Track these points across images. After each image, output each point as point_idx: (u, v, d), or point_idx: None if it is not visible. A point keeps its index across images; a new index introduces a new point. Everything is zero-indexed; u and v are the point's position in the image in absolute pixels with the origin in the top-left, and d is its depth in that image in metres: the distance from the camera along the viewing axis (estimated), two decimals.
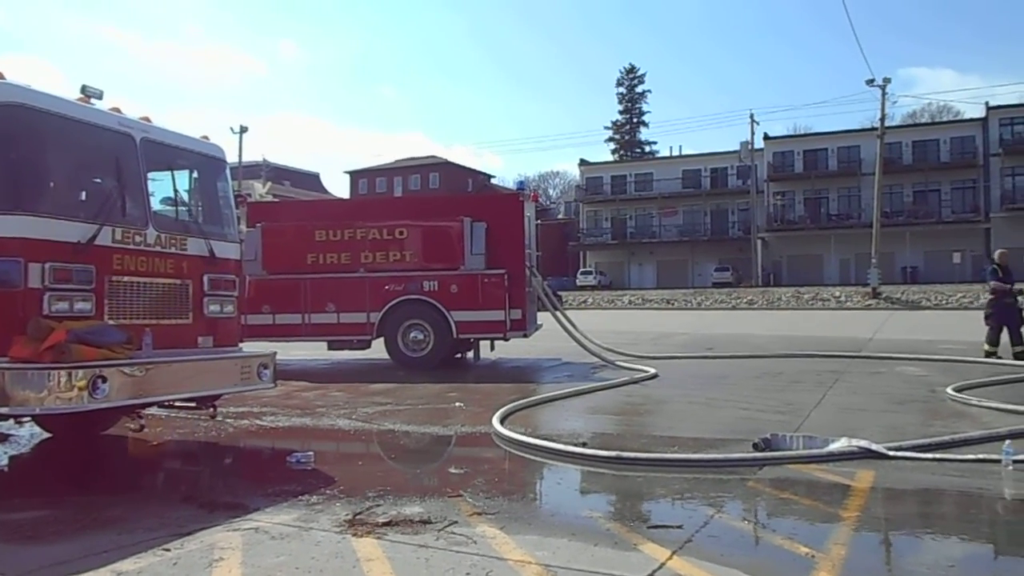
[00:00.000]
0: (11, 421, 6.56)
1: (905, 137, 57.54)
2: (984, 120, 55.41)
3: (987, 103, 55.32)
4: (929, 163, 56.43)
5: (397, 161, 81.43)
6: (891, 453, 6.03)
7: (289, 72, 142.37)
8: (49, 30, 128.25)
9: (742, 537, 4.47)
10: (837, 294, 40.33)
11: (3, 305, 5.38)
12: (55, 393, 5.08)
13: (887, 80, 43.83)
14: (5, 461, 6.96)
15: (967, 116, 60.32)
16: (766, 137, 61.18)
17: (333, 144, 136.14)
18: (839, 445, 6.20)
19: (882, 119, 45.36)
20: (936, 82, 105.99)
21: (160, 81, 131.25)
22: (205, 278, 6.79)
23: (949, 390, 9.36)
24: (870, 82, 44.01)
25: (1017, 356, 12.82)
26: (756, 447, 6.38)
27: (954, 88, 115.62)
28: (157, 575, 3.72)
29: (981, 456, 5.95)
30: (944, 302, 35.41)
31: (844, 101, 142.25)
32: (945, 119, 65.66)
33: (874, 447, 6.07)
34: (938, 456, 6.06)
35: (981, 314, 14.01)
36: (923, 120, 68.14)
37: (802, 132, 68.19)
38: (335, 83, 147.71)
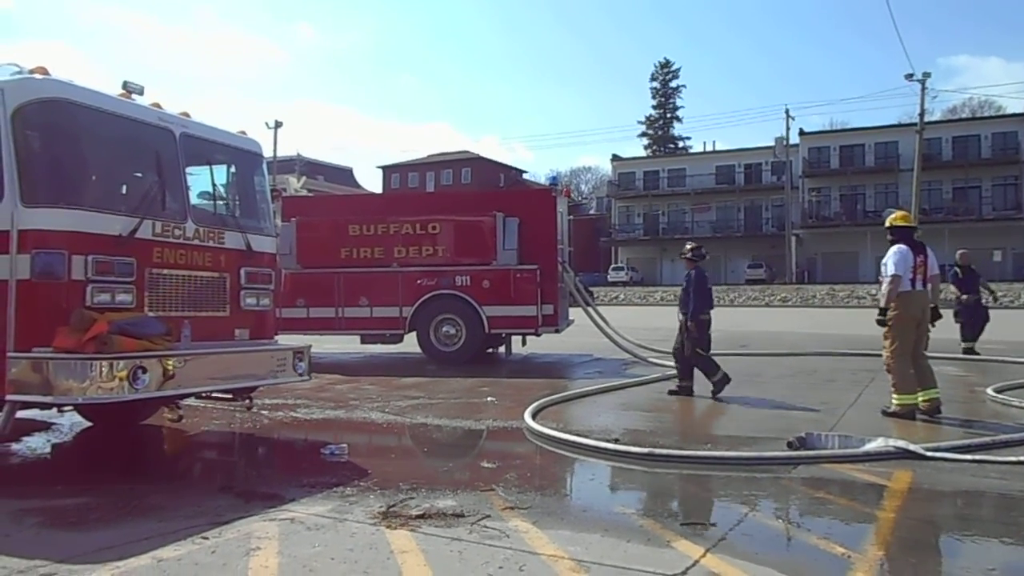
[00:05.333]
0: (54, 409, 6.72)
1: (945, 133, 56.41)
2: None
3: None
4: (970, 159, 55.25)
5: (429, 156, 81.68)
6: (929, 454, 5.93)
7: (308, 57, 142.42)
8: (61, 14, 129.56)
9: (776, 536, 4.44)
10: (873, 292, 39.56)
11: (47, 297, 5.49)
12: (97, 383, 5.18)
13: (926, 74, 43.13)
14: (48, 449, 7.12)
15: (1009, 111, 58.95)
16: (802, 133, 60.26)
17: (358, 134, 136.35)
18: (876, 445, 6.11)
19: (921, 114, 44.59)
20: (981, 70, 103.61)
21: (176, 66, 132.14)
22: (242, 271, 6.87)
23: (989, 391, 9.20)
24: (909, 77, 43.34)
25: (966, 351, 13.73)
26: (791, 445, 6.31)
27: (1000, 78, 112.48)
28: (196, 563, 3.79)
29: (1022, 458, 5.84)
30: (984, 301, 34.66)
31: (881, 96, 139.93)
32: (987, 114, 64.23)
33: (912, 447, 5.98)
34: (978, 457, 5.95)
35: (1022, 313, 13.93)
36: (964, 115, 66.76)
37: (838, 128, 67.14)
38: (356, 69, 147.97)
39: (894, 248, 7.99)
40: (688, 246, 10.14)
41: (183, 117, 6.66)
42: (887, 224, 8.35)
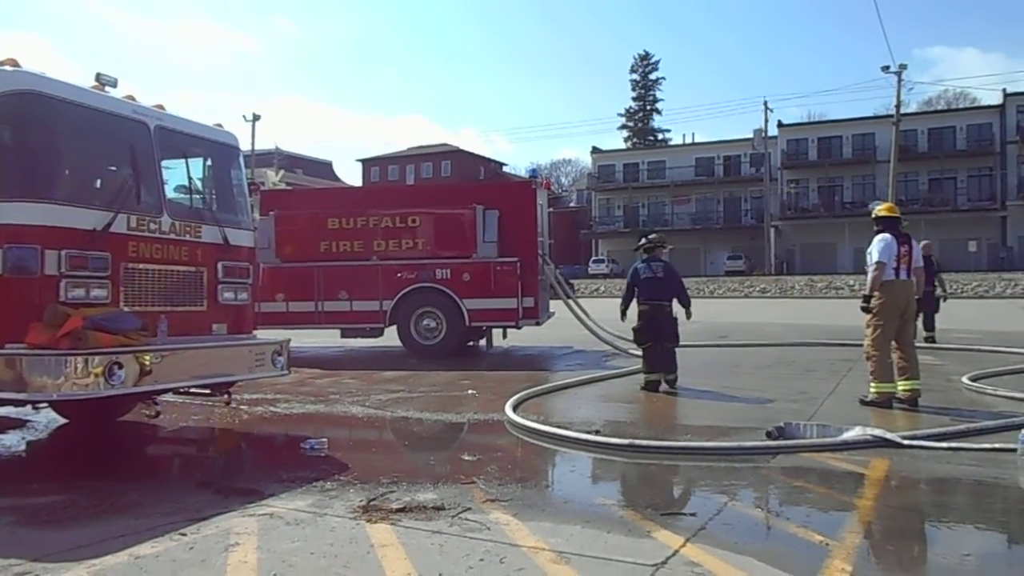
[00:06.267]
0: (28, 407, 6.64)
1: (921, 124, 56.92)
2: (1002, 107, 54.64)
3: (1004, 90, 54.62)
4: (945, 150, 55.76)
5: (409, 149, 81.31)
6: (906, 442, 6.00)
7: (286, 51, 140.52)
8: (31, 5, 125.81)
9: (756, 525, 4.47)
10: (851, 283, 39.97)
11: (20, 292, 5.42)
12: (72, 379, 5.12)
13: (903, 66, 43.55)
14: (23, 446, 7.03)
15: (984, 103, 59.58)
16: (780, 124, 60.68)
17: (333, 127, 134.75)
18: (853, 434, 6.17)
19: (897, 106, 45.03)
20: (957, 61, 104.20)
21: (150, 59, 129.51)
22: (219, 265, 6.82)
23: (964, 379, 9.32)
24: (885, 68, 43.76)
25: (927, 340, 13.97)
26: (770, 435, 6.37)
27: (975, 68, 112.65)
28: (174, 559, 3.76)
29: (997, 445, 5.92)
30: (960, 291, 34.89)
31: (858, 88, 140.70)
32: (962, 106, 64.88)
33: (889, 436, 6.05)
34: (953, 445, 6.03)
35: (999, 303, 14.13)
36: (939, 107, 67.35)
37: (816, 119, 67.55)
38: (335, 62, 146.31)
39: (879, 236, 8.09)
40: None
41: (158, 110, 6.58)
42: (873, 215, 8.43)
